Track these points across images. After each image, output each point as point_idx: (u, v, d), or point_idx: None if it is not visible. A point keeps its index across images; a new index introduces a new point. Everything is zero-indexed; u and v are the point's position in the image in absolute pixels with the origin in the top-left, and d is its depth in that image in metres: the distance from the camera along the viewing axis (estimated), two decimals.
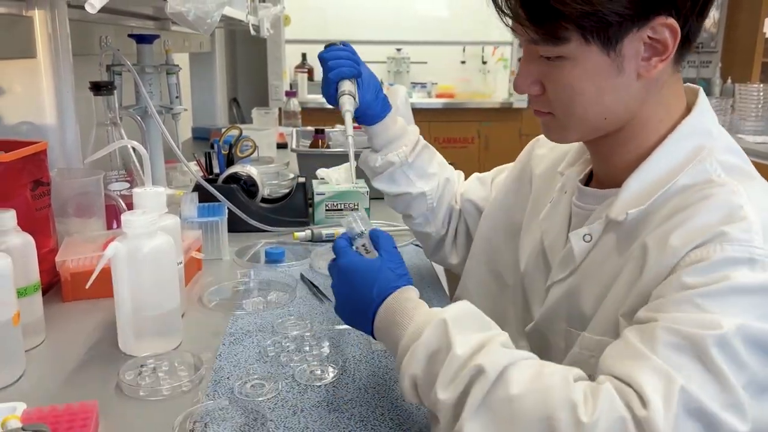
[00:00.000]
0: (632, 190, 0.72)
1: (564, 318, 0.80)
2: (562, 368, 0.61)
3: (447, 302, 0.99)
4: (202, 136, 2.45)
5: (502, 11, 0.71)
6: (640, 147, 0.73)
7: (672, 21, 0.66)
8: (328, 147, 1.73)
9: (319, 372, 0.80)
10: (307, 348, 0.85)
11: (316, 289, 1.05)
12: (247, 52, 4.17)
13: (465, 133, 4.15)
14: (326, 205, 1.37)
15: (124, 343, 0.84)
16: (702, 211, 0.65)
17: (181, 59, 2.66)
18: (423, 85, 4.23)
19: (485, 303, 1.00)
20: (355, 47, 0.96)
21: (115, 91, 1.28)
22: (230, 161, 1.42)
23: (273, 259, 1.17)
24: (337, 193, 1.37)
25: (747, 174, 0.71)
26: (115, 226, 1.22)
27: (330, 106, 0.97)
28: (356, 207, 1.38)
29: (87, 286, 0.80)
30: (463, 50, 4.31)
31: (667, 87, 0.72)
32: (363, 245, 0.76)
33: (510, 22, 0.71)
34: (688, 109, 0.75)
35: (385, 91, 1.02)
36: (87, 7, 0.82)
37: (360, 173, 1.05)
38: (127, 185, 1.28)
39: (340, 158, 1.54)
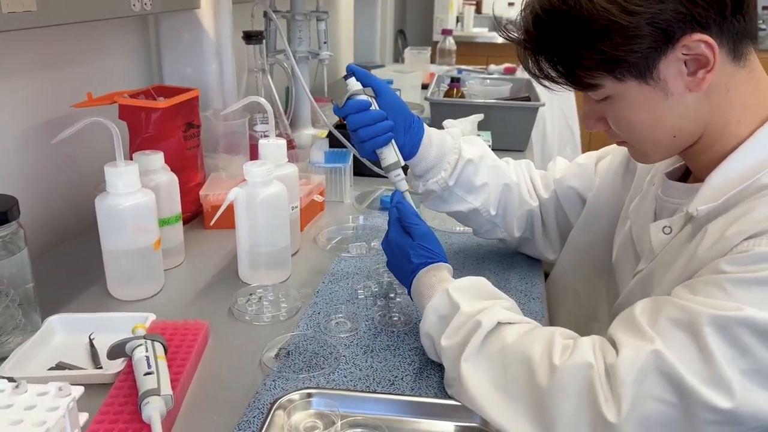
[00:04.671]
0: (713, 185, 0.72)
1: None
2: (551, 327, 0.71)
3: (541, 279, 1.03)
4: None
5: (536, 76, 0.74)
6: (724, 148, 0.72)
7: (699, 35, 0.65)
8: (462, 97, 1.77)
9: (396, 318, 0.90)
10: (392, 295, 0.95)
11: None
12: None
13: None
14: None
15: (242, 272, 1.00)
16: (765, 204, 0.65)
17: None
18: None
19: (579, 284, 1.03)
20: None
21: (264, 41, 1.42)
22: None
23: (385, 206, 1.27)
24: None
25: None
26: None
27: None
28: None
29: (211, 223, 0.96)
30: None
31: (735, 88, 0.70)
32: None
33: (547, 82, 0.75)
34: None
35: None
36: None
37: None
38: None
39: (471, 109, 1.58)
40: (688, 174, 0.82)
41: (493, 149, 1.55)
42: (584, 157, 1.04)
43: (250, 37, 1.38)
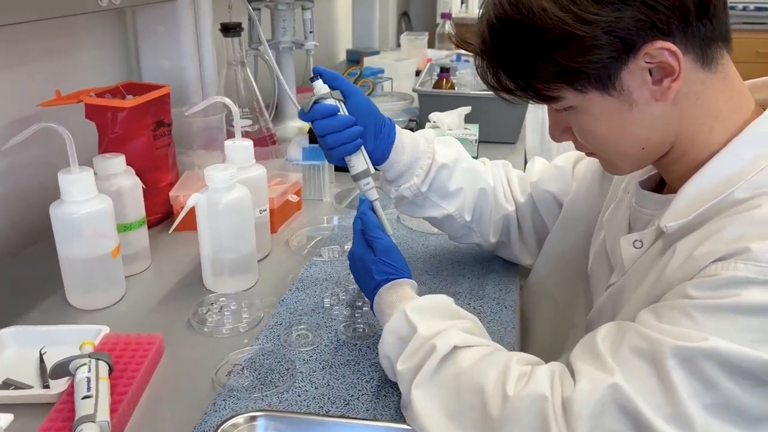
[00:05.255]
0: (686, 198, 0.68)
1: (608, 319, 0.79)
2: (509, 353, 0.68)
3: (516, 286, 1.00)
4: (354, 59, 2.51)
5: (495, 88, 0.70)
6: (697, 158, 0.68)
7: (662, 43, 0.60)
8: (452, 87, 1.71)
9: (360, 330, 0.86)
10: (359, 304, 0.92)
11: None
12: None
13: None
14: None
15: (206, 279, 0.97)
16: (736, 222, 0.60)
17: None
18: None
19: (556, 290, 0.99)
20: None
21: (243, 33, 1.38)
22: None
23: None
24: None
25: None
26: None
27: None
28: None
29: (170, 232, 0.93)
30: None
31: (705, 95, 0.65)
32: None
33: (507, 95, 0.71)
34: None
35: None
36: None
37: None
38: (249, 122, 1.40)
39: (460, 101, 1.53)
40: (665, 182, 0.78)
41: (482, 142, 1.53)
42: (563, 158, 0.99)
43: (228, 30, 1.34)
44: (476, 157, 1.38)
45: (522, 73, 0.67)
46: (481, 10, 0.69)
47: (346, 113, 0.84)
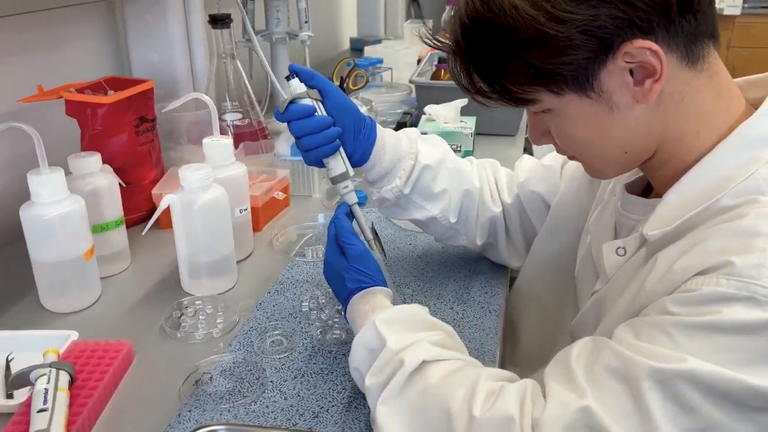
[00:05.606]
0: (670, 204, 0.64)
1: (592, 327, 0.75)
2: (480, 368, 0.64)
3: (503, 289, 0.96)
4: (358, 48, 2.47)
5: (469, 90, 0.67)
6: (683, 162, 0.64)
7: (642, 42, 0.56)
8: (450, 78, 1.66)
9: (337, 335, 0.83)
10: (338, 308, 0.89)
11: (378, 245, 1.04)
12: None
13: None
14: None
15: (183, 281, 0.94)
16: (719, 233, 0.57)
17: None
18: None
19: (545, 294, 0.95)
20: None
21: (233, 24, 1.35)
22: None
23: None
24: (439, 133, 1.34)
25: None
26: None
27: None
28: (458, 149, 1.34)
29: (143, 233, 0.90)
30: None
31: (691, 95, 0.61)
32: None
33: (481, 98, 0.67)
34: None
35: None
36: None
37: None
38: (239, 116, 1.37)
39: (458, 92, 1.48)
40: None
41: (481, 134, 1.48)
42: (551, 157, 0.95)
43: (217, 21, 1.31)
44: (472, 151, 1.36)
45: (495, 75, 0.63)
46: (454, 8, 0.65)
47: (324, 113, 0.81)
